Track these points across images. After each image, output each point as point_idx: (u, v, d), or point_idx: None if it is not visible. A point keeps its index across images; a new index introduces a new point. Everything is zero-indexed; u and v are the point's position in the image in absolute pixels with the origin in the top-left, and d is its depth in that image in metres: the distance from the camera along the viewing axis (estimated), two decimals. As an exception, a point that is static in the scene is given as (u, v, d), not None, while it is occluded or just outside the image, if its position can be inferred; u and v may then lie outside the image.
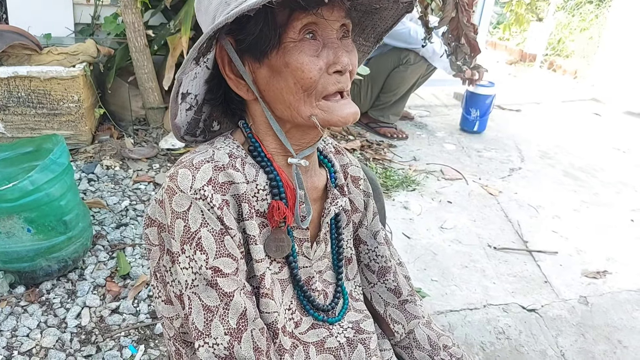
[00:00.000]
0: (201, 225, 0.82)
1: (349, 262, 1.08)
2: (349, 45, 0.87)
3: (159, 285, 0.92)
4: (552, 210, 3.04)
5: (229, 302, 0.82)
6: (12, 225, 1.86)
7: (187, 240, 0.82)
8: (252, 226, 0.86)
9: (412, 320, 1.10)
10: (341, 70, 0.84)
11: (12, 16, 3.20)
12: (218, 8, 0.83)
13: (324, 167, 1.03)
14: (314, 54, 0.82)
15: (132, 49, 2.98)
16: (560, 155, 3.85)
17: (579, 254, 2.64)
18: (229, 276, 0.83)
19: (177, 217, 0.82)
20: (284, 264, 0.94)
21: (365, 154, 3.44)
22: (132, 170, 2.79)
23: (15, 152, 2.10)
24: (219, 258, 0.82)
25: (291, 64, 0.82)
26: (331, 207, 0.98)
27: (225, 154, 0.88)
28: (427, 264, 2.44)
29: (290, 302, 0.95)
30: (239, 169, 0.87)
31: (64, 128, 2.87)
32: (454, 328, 2.09)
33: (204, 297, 0.82)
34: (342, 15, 0.84)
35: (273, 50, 0.82)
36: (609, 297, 2.35)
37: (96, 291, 2.01)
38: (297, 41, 0.81)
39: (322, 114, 0.85)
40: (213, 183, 0.83)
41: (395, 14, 0.93)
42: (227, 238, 0.83)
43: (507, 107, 4.83)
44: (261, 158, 0.91)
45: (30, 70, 2.74)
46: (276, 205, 0.89)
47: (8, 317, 1.85)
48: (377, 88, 3.71)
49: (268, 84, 0.86)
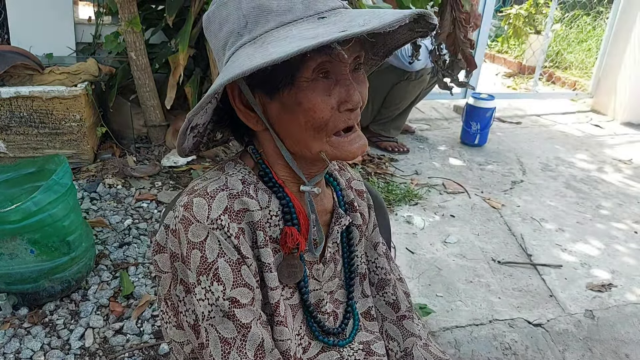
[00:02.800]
0: (218, 255, 0.81)
1: (364, 278, 1.07)
2: (360, 76, 0.86)
3: (170, 311, 0.91)
4: (556, 223, 3.03)
5: (247, 334, 0.81)
6: (16, 246, 1.85)
7: (203, 271, 0.81)
8: (266, 254, 0.86)
9: (408, 338, 1.08)
10: (352, 108, 0.83)
11: (14, 36, 3.22)
12: (229, 37, 0.82)
13: (330, 186, 1.03)
14: (327, 93, 0.81)
15: (133, 67, 2.99)
16: (562, 167, 3.86)
17: (583, 267, 2.63)
18: (246, 307, 0.82)
19: (193, 248, 0.81)
20: (295, 289, 0.93)
21: (366, 169, 3.44)
22: (134, 188, 2.79)
23: (18, 173, 2.10)
24: (236, 288, 0.81)
25: (303, 104, 0.81)
26: (335, 226, 0.98)
27: (239, 180, 0.87)
28: (432, 279, 2.43)
29: (300, 327, 0.94)
30: (253, 195, 0.87)
31: (66, 147, 2.88)
32: (460, 344, 2.07)
33: (221, 329, 0.81)
34: (356, 50, 0.83)
35: (285, 88, 0.81)
36: (615, 310, 2.34)
37: (99, 311, 1.99)
38: (310, 80, 0.80)
39: (331, 150, 0.85)
40: (229, 212, 0.83)
41: (408, 37, 0.93)
42: (244, 267, 0.83)
43: (508, 119, 4.85)
44: (273, 183, 0.90)
45: (32, 90, 2.76)
46: (289, 232, 0.88)
47: (11, 339, 1.84)
48: (378, 102, 3.72)
49: (278, 118, 0.85)
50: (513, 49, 7.04)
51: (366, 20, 0.73)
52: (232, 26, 0.81)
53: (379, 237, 1.12)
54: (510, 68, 6.77)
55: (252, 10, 0.79)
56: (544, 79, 6.06)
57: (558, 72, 6.26)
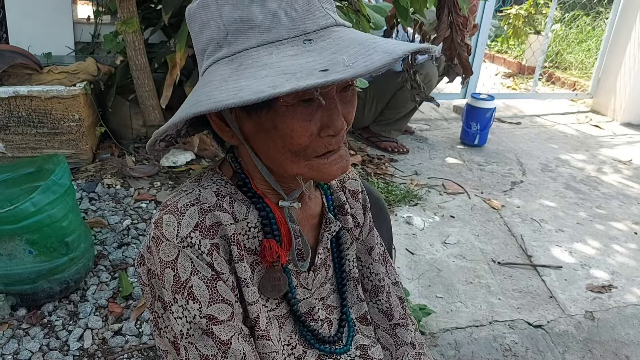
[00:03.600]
0: (191, 273, 0.78)
1: (357, 282, 1.04)
2: (348, 95, 0.80)
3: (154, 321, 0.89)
4: (555, 224, 3.03)
5: (227, 350, 0.79)
6: (14, 247, 1.84)
7: (178, 290, 0.79)
8: (242, 269, 0.83)
9: (401, 347, 1.05)
10: (334, 135, 0.78)
11: (13, 35, 3.21)
12: (209, 44, 0.76)
13: (318, 189, 1.00)
14: (307, 119, 0.75)
15: (132, 67, 2.98)
16: (562, 168, 3.85)
17: (583, 268, 2.62)
18: (225, 323, 0.80)
19: (165, 267, 0.79)
20: (281, 300, 0.91)
21: (366, 169, 3.43)
22: (133, 188, 2.78)
23: (17, 173, 2.09)
24: (213, 305, 0.79)
25: (280, 129, 0.76)
26: (324, 233, 0.95)
27: (212, 192, 0.84)
28: (432, 280, 2.42)
29: (290, 337, 0.92)
30: (226, 209, 0.83)
31: (64, 147, 2.87)
32: (460, 345, 2.07)
33: (200, 347, 0.79)
34: (346, 81, 0.76)
35: (264, 109, 0.75)
36: (615, 312, 2.33)
37: (98, 312, 1.98)
38: (290, 105, 0.74)
39: (308, 172, 0.80)
40: (200, 227, 0.80)
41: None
42: (220, 283, 0.80)
43: (507, 120, 4.84)
44: (252, 194, 0.87)
45: (31, 90, 2.74)
46: (268, 245, 0.85)
47: (10, 340, 1.83)
48: (382, 104, 3.70)
49: (255, 136, 0.80)
50: (513, 49, 7.04)
51: (352, 58, 0.67)
52: (212, 34, 0.75)
53: (375, 240, 1.08)
54: (510, 68, 6.76)
55: (234, 22, 0.73)
56: (543, 79, 6.05)
57: (558, 73, 6.26)
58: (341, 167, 0.81)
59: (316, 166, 0.80)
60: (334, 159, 0.80)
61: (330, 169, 0.80)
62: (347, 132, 0.83)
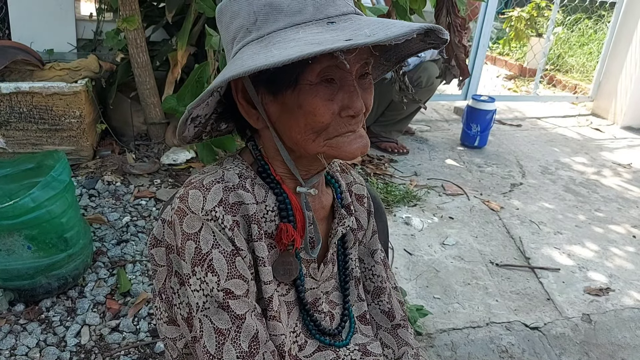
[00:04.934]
0: (213, 246, 0.81)
1: (358, 282, 1.07)
2: (366, 83, 0.86)
3: (163, 306, 0.91)
4: (554, 226, 3.03)
5: (241, 325, 0.81)
6: (13, 242, 1.85)
7: (198, 262, 0.81)
8: (261, 247, 0.86)
9: (402, 347, 1.08)
10: (354, 115, 0.82)
11: (15, 32, 3.21)
12: (239, 31, 0.82)
13: (330, 186, 1.03)
14: (329, 98, 0.81)
15: (134, 64, 2.99)
16: (561, 170, 3.85)
17: (581, 271, 2.63)
18: (241, 298, 0.82)
19: (188, 239, 0.81)
20: (291, 286, 0.93)
21: (366, 169, 3.44)
22: (133, 185, 2.79)
23: (17, 169, 2.09)
24: (231, 280, 0.81)
25: (304, 107, 0.81)
26: (338, 227, 0.98)
27: (235, 174, 0.87)
28: (429, 281, 2.43)
29: (295, 324, 0.94)
30: (249, 189, 0.87)
31: (65, 143, 2.87)
32: (456, 347, 2.07)
33: (215, 320, 0.81)
34: (364, 57, 0.82)
35: (289, 89, 0.81)
36: (613, 315, 2.34)
37: (96, 309, 1.99)
38: (314, 84, 0.80)
39: (329, 151, 0.84)
40: (224, 204, 0.83)
41: (421, 47, 0.92)
42: (239, 259, 0.83)
43: (508, 122, 4.84)
44: (270, 179, 0.90)
45: (32, 86, 2.75)
46: (285, 228, 0.88)
47: (7, 336, 1.83)
48: (383, 105, 3.70)
49: (279, 118, 0.85)
50: (514, 52, 7.04)
51: (373, 31, 0.72)
52: (242, 21, 0.81)
53: (378, 244, 1.11)
54: (512, 70, 6.76)
55: (263, 8, 0.79)
56: (544, 81, 6.05)
57: (559, 75, 6.26)
58: (360, 147, 0.85)
59: (336, 144, 0.84)
60: (353, 138, 0.84)
61: (350, 147, 0.84)
62: None
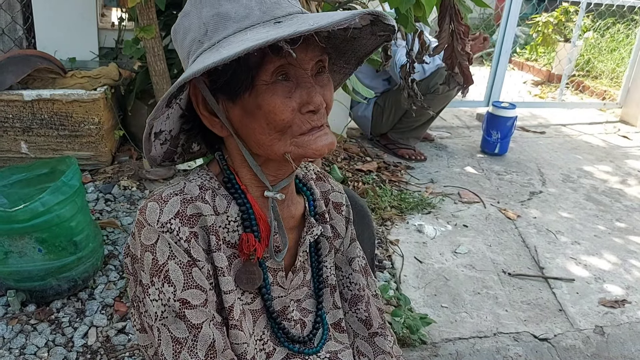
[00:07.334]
0: (168, 258, 0.83)
1: (334, 289, 1.07)
2: (324, 80, 0.87)
3: (136, 313, 0.93)
4: (572, 236, 2.97)
5: (197, 334, 0.83)
6: (24, 245, 1.91)
7: (155, 273, 0.83)
8: (219, 258, 0.87)
9: (379, 355, 1.08)
10: (314, 110, 0.84)
11: (40, 41, 3.32)
12: (192, 45, 0.84)
13: (302, 194, 1.03)
14: (287, 95, 0.82)
15: (152, 72, 3.05)
16: (584, 178, 3.77)
17: (597, 282, 2.56)
18: (197, 308, 0.84)
19: (145, 250, 0.84)
20: (256, 294, 0.94)
21: (381, 176, 3.43)
22: (148, 190, 2.84)
23: (32, 174, 2.16)
24: (187, 290, 0.83)
25: (263, 107, 0.82)
26: (307, 236, 0.98)
27: (197, 186, 0.89)
28: (438, 290, 2.41)
29: (262, 332, 0.95)
30: (208, 201, 0.88)
31: (84, 149, 2.95)
32: (461, 356, 2.05)
33: (172, 329, 0.83)
34: (316, 55, 0.84)
35: (246, 91, 0.82)
36: (627, 327, 2.27)
37: (104, 311, 2.04)
38: (269, 83, 0.81)
39: (296, 150, 0.85)
40: (180, 216, 0.85)
41: (375, 43, 0.94)
42: (195, 270, 0.85)
43: (531, 129, 4.76)
44: (235, 190, 0.91)
45: (53, 93, 2.84)
46: (245, 238, 0.89)
47: (18, 335, 1.89)
48: (400, 111, 3.67)
49: (241, 122, 0.86)
50: (542, 57, 6.92)
51: (316, 22, 0.74)
52: (194, 34, 0.83)
53: (357, 252, 1.11)
54: (539, 76, 6.65)
55: (212, 18, 0.81)
56: (571, 87, 5.93)
57: (587, 81, 6.12)
58: (327, 144, 0.86)
59: (302, 143, 0.84)
60: (318, 135, 0.85)
61: (316, 144, 0.85)
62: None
